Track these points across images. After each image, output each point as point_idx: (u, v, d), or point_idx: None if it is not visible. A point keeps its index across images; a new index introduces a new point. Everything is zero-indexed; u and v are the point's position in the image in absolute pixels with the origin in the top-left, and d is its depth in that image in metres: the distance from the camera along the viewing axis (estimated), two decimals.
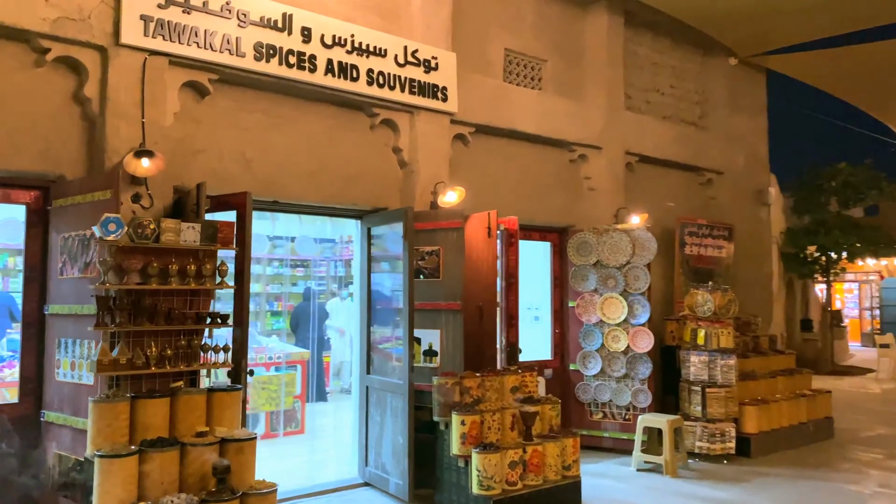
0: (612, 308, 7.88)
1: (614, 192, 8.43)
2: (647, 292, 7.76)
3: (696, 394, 7.53)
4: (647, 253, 7.77)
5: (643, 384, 7.74)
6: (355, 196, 6.38)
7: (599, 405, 7.95)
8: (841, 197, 17.14)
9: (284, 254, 13.34)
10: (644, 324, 7.75)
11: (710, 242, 9.44)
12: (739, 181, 10.23)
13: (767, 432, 7.89)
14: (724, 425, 7.44)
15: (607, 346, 7.89)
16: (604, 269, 7.93)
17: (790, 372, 8.92)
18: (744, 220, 10.22)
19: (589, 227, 8.04)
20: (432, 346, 6.29)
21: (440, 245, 6.28)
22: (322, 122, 6.20)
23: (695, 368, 7.59)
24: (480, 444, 5.44)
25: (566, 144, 8.13)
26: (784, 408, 8.20)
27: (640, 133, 8.84)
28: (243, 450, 4.20)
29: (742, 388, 8.01)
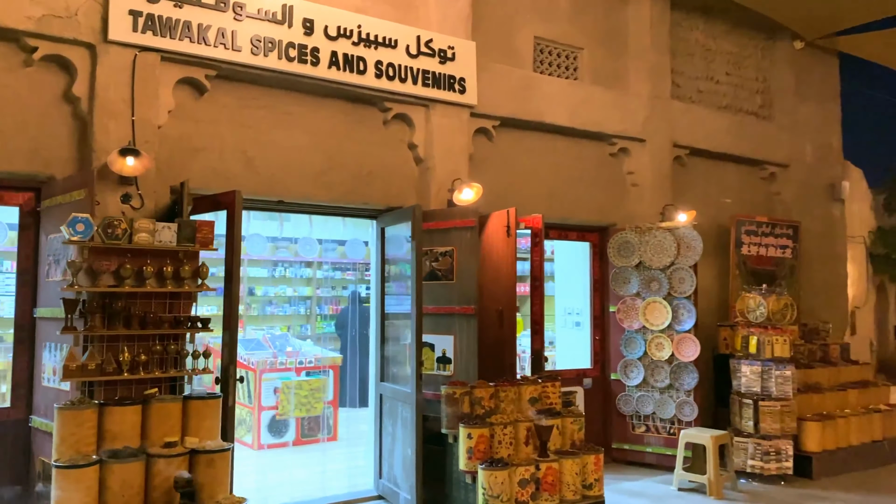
0: (655, 313, 7.29)
1: (660, 187, 7.83)
2: (692, 296, 7.13)
3: (748, 407, 6.85)
4: (693, 253, 7.15)
5: (689, 396, 7.11)
6: (368, 195, 6.10)
7: (642, 418, 7.37)
8: None
9: (335, 257, 13.26)
10: (689, 330, 7.13)
11: (772, 242, 8.66)
12: (808, 175, 9.36)
13: (832, 451, 7.11)
14: (779, 442, 6.73)
15: (650, 354, 7.31)
16: (646, 271, 7.35)
17: (864, 384, 8.05)
18: (813, 218, 9.35)
19: (632, 225, 7.48)
20: (446, 352, 5.93)
21: (454, 245, 5.92)
22: (331, 119, 5.95)
23: (746, 379, 6.91)
24: (488, 460, 5.04)
25: (605, 137, 7.59)
26: (854, 424, 7.38)
27: (691, 124, 8.19)
28: (214, 462, 3.96)
29: (804, 401, 7.27)
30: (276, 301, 12.61)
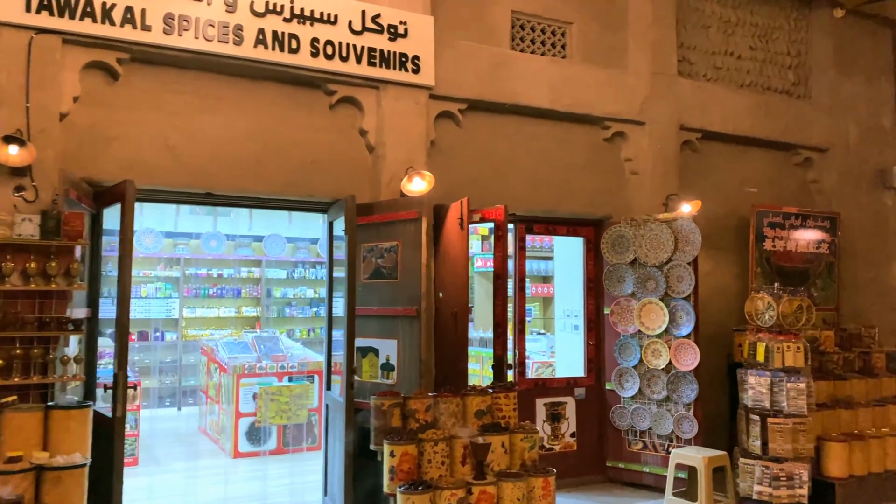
0: (651, 316, 6.49)
1: (664, 175, 7.00)
2: (691, 296, 6.29)
3: (755, 424, 5.95)
4: (692, 248, 6.31)
5: (688, 410, 6.28)
6: (314, 186, 5.61)
7: (638, 433, 6.58)
8: None
9: None
10: (688, 335, 6.29)
11: (803, 236, 7.63)
12: (852, 160, 8.25)
13: (862, 477, 6.12)
14: (792, 466, 5.81)
15: (646, 361, 6.51)
16: (642, 269, 6.56)
17: None
18: (858, 208, 8.23)
19: (627, 218, 6.70)
20: (389, 358, 5.36)
21: (399, 240, 5.35)
22: (269, 103, 5.50)
23: (753, 392, 6.01)
24: (410, 482, 4.44)
25: (597, 120, 6.84)
26: (892, 445, 6.34)
27: (704, 104, 7.31)
28: (62, 480, 3.56)
29: (830, 418, 6.32)
30: (295, 303, 12.34)
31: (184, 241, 11.56)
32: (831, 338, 7.22)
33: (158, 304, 11.26)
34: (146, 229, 11.12)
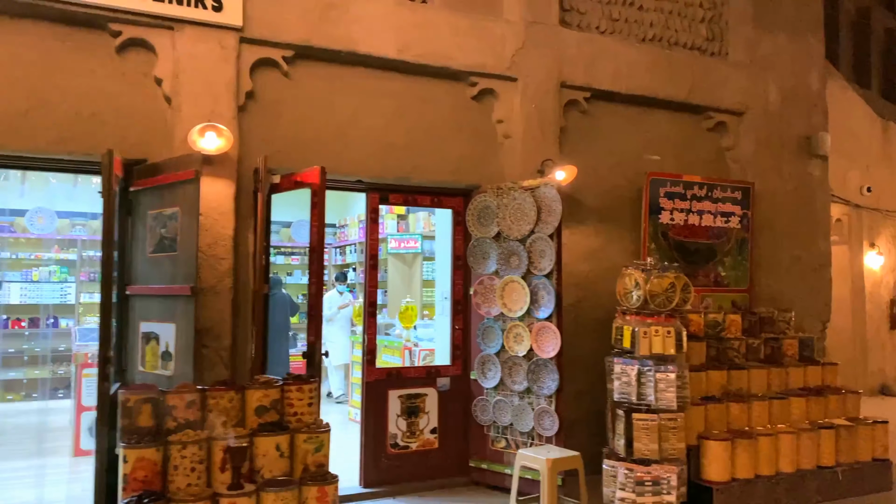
0: (513, 296, 5.69)
1: (540, 139, 6.16)
2: (553, 273, 5.48)
3: (620, 421, 5.15)
4: (553, 218, 5.49)
5: (549, 403, 5.47)
6: (93, 144, 4.79)
7: (501, 429, 5.78)
8: None
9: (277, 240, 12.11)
10: (549, 318, 5.48)
11: (709, 208, 6.79)
12: (772, 125, 7.38)
13: (748, 481, 5.32)
14: (660, 468, 5.00)
15: (508, 347, 5.71)
16: (506, 243, 5.75)
17: (818, 392, 6.13)
18: (780, 179, 7.38)
19: (493, 186, 5.88)
20: (168, 346, 4.57)
21: (179, 205, 4.55)
22: (36, 45, 4.70)
23: (619, 383, 5.20)
24: (141, 493, 3.66)
25: (461, 75, 6.00)
26: (786, 444, 5.53)
27: (592, 59, 6.46)
28: None
29: (717, 412, 5.54)
30: None
31: (82, 220, 10.79)
32: (737, 322, 6.41)
33: (52, 289, 10.50)
34: (38, 209, 10.36)
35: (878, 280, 12.11)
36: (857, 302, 11.93)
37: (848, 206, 11.81)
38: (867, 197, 11.97)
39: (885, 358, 12.07)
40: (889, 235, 12.40)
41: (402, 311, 7.91)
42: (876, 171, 12.26)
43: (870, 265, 11.97)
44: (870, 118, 12.38)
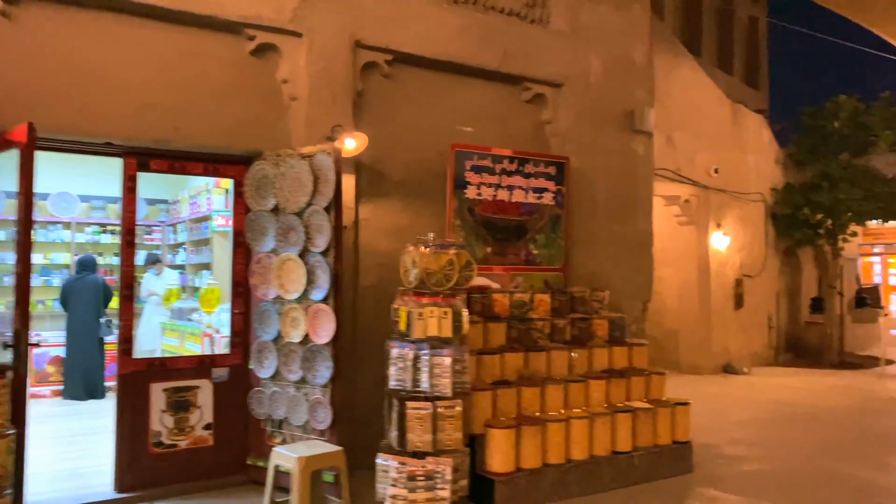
0: (290, 275, 5.14)
1: (330, 102, 5.62)
2: (330, 250, 4.97)
3: (395, 410, 4.71)
4: (328, 189, 4.97)
5: (324, 393, 4.98)
6: None
7: (277, 423, 5.25)
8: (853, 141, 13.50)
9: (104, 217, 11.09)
10: (325, 299, 4.98)
11: (521, 183, 6.46)
12: (593, 98, 7.14)
13: (535, 471, 5.01)
14: (434, 462, 4.60)
15: (284, 333, 5.17)
16: (284, 217, 5.19)
17: (620, 374, 5.91)
18: (601, 155, 7.15)
19: (272, 154, 5.30)
20: None
21: None
22: None
23: (396, 369, 4.76)
24: None
25: (235, 27, 5.36)
26: (578, 430, 5.26)
27: (392, 19, 5.96)
28: None
29: (507, 398, 5.18)
30: None
31: None
32: (546, 302, 6.12)
33: None
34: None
35: (723, 260, 12.34)
36: (704, 282, 12.12)
37: (696, 186, 11.93)
38: (715, 178, 12.14)
39: (730, 337, 12.34)
40: (735, 217, 12.65)
41: (203, 294, 7.23)
42: (725, 153, 12.45)
43: (716, 246, 12.17)
44: (720, 101, 12.54)
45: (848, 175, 13.15)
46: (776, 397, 9.70)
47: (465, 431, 4.80)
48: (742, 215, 12.87)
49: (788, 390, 10.41)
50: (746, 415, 8.44)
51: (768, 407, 8.94)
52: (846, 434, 7.43)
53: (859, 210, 12.79)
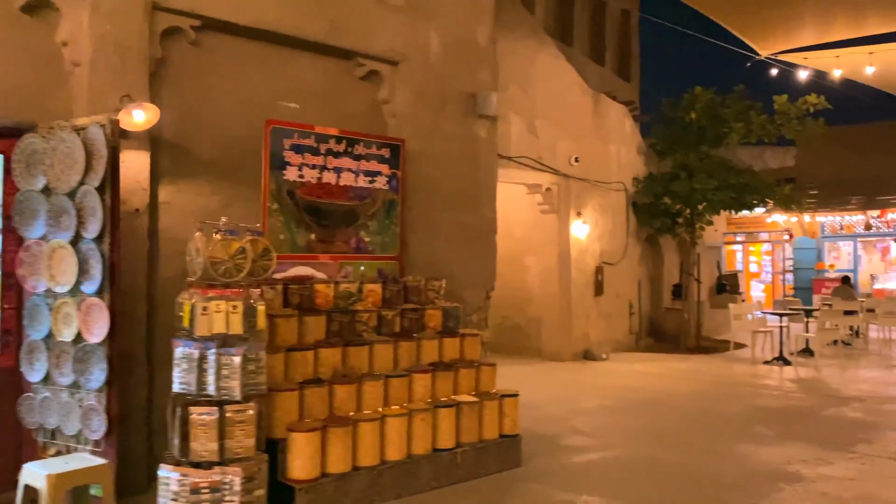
0: (61, 265, 4.50)
1: (120, 70, 4.97)
2: (105, 237, 4.37)
3: (177, 416, 4.20)
4: (101, 166, 4.37)
5: (98, 399, 4.39)
6: None
7: (50, 433, 4.61)
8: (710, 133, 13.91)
9: None
10: (99, 293, 4.38)
11: (350, 165, 6.05)
12: (433, 79, 6.82)
13: (344, 476, 4.63)
14: (224, 472, 4.13)
15: (56, 331, 4.53)
16: (55, 198, 4.53)
17: (446, 366, 5.63)
18: (442, 139, 6.85)
19: (44, 126, 4.62)
20: None
21: None
22: None
23: (180, 371, 4.23)
24: None
25: None
26: (395, 428, 4.93)
27: None
28: None
29: (316, 398, 4.77)
30: None
31: None
32: (377, 293, 5.74)
33: None
34: None
35: (584, 248, 12.44)
36: (564, 270, 12.17)
37: (557, 175, 11.94)
38: (576, 167, 12.19)
39: (590, 324, 12.48)
40: (596, 205, 12.78)
41: None
42: (586, 141, 12.53)
43: (576, 234, 12.24)
44: (581, 89, 12.59)
45: (705, 166, 13.58)
46: (627, 383, 9.81)
47: (264, 436, 4.37)
48: (603, 204, 13.04)
49: (641, 376, 10.59)
50: (594, 402, 8.44)
51: (617, 393, 9.00)
52: (685, 420, 7.53)
53: (713, 200, 13.21)
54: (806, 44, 11.31)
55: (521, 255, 12.84)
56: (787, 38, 11.14)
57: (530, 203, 12.39)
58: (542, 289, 12.45)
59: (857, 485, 5.23)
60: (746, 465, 5.77)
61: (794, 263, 22.69)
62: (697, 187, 13.09)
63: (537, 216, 12.44)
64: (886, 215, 19.86)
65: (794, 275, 22.33)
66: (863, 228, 20.72)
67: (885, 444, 6.39)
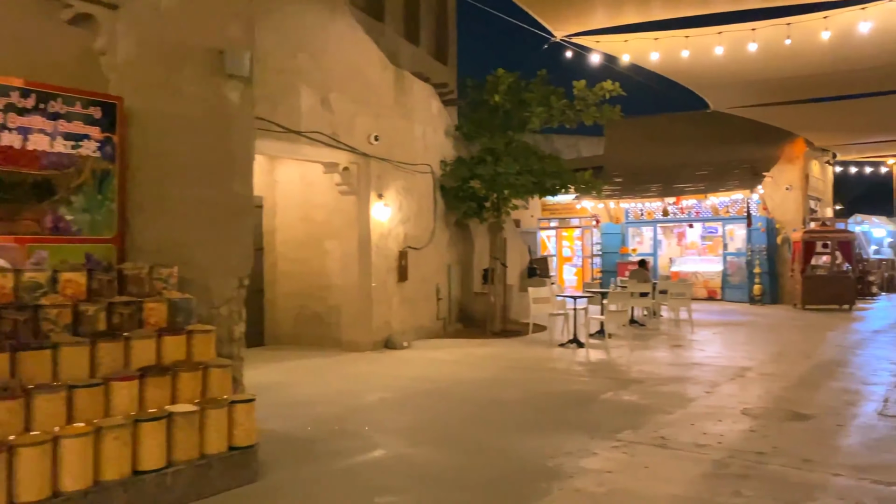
0: None
1: None
2: None
3: None
4: None
5: None
6: None
7: None
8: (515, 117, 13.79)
9: None
10: None
11: (44, 126, 4.92)
12: (168, 30, 5.79)
13: None
14: None
15: None
16: None
17: (162, 370, 4.71)
18: (184, 100, 5.85)
19: None
20: None
21: None
22: None
23: None
24: None
25: None
26: (74, 452, 3.96)
27: None
28: None
29: None
30: None
31: None
32: (78, 283, 4.69)
33: None
34: None
35: (386, 232, 11.86)
36: (364, 255, 11.53)
37: (356, 154, 11.23)
38: (377, 146, 11.55)
39: (392, 311, 11.94)
40: (400, 187, 12.24)
41: None
42: (388, 120, 11.92)
43: (378, 217, 11.63)
44: (382, 64, 11.94)
45: (511, 150, 13.46)
46: (420, 373, 9.35)
47: None
48: (408, 186, 12.52)
49: (437, 364, 10.20)
50: (376, 396, 7.85)
51: (405, 384, 8.49)
52: (462, 410, 7.13)
53: (515, 184, 13.11)
54: (597, 27, 11.36)
55: (322, 239, 12.06)
56: (579, 20, 11.12)
57: (329, 183, 11.61)
58: (342, 275, 11.74)
59: (613, 478, 4.98)
60: (511, 462, 5.39)
61: (601, 248, 23.69)
62: (501, 171, 12.94)
63: (337, 198, 11.69)
64: (681, 202, 21.15)
65: (602, 258, 23.31)
66: (661, 214, 21.96)
67: (650, 428, 6.30)
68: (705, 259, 21.81)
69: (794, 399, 7.47)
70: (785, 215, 20.15)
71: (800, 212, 19.94)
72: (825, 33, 10.28)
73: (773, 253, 19.75)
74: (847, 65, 12.24)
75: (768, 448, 5.61)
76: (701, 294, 20.93)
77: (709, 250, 22.00)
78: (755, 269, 19.37)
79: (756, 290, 19.23)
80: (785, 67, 12.52)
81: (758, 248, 19.44)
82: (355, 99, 11.11)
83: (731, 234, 21.12)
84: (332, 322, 11.82)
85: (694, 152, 21.41)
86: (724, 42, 11.00)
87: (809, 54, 11.59)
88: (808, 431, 6.18)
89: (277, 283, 12.41)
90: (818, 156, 22.21)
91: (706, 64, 12.42)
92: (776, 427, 6.31)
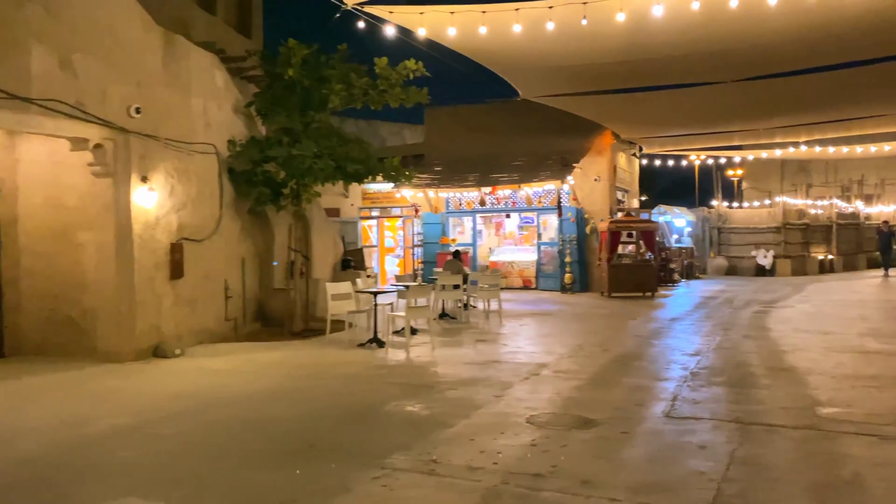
0: None
1: None
2: None
3: None
4: None
5: None
6: None
7: None
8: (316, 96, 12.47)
9: None
10: None
11: None
12: None
13: None
14: None
15: None
16: None
17: None
18: None
19: None
20: None
21: None
22: None
23: None
24: None
25: None
26: None
27: None
28: None
29: None
30: None
31: None
32: None
33: None
34: None
35: (153, 222, 10.16)
36: (125, 248, 9.78)
37: (111, 128, 9.46)
38: (138, 120, 9.82)
39: (163, 313, 10.27)
40: (171, 169, 10.55)
41: None
42: (153, 90, 10.19)
43: (141, 203, 9.91)
44: (145, 25, 10.19)
45: (311, 132, 12.17)
46: (183, 388, 7.93)
47: None
48: (184, 168, 10.86)
49: (210, 374, 8.80)
50: (107, 423, 6.38)
51: (156, 404, 7.06)
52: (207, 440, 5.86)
53: (313, 168, 11.84)
54: None
55: (75, 230, 10.14)
56: None
57: (79, 163, 9.74)
58: (98, 272, 9.92)
59: None
60: None
61: (422, 238, 23.06)
62: (295, 153, 11.62)
63: (91, 180, 9.84)
64: (497, 192, 20.95)
65: (423, 249, 22.68)
66: (479, 204, 21.67)
67: (424, 448, 5.42)
68: (521, 249, 21.84)
69: (584, 401, 6.94)
70: (594, 206, 20.53)
71: (607, 202, 20.40)
72: (620, 15, 10.02)
73: (583, 242, 20.05)
74: (643, 53, 12.23)
75: (547, 468, 4.89)
76: (517, 283, 20.90)
77: (525, 240, 22.06)
78: (566, 259, 19.55)
79: (567, 279, 19.41)
80: (583, 52, 12.31)
81: (569, 238, 19.63)
82: (108, 63, 9.35)
83: (545, 224, 21.27)
84: (89, 328, 10.00)
85: (510, 142, 21.31)
86: (521, 20, 10.46)
87: (606, 37, 11.40)
88: (592, 442, 5.57)
89: (21, 283, 10.34)
90: (625, 148, 22.94)
91: (506, 45, 11.89)
92: (559, 438, 5.65)
